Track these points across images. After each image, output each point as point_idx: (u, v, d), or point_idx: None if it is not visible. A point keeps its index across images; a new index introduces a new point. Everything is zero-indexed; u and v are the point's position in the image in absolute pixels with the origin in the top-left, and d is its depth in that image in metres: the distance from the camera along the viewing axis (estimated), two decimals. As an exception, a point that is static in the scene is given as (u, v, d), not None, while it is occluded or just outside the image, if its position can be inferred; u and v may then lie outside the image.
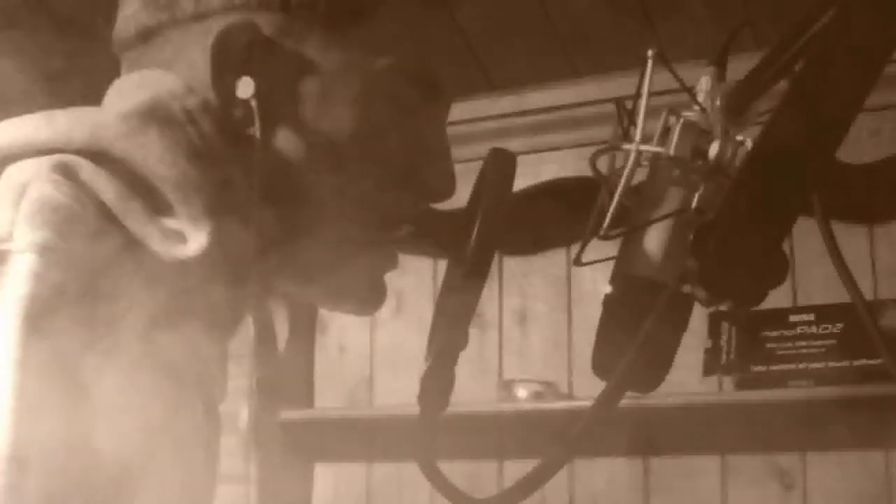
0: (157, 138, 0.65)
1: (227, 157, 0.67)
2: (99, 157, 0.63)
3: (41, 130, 0.64)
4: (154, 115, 0.66)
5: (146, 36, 0.71)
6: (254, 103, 0.67)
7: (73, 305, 0.55)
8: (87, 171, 0.61)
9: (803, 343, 1.76)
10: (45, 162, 0.60)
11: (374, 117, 0.70)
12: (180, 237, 0.63)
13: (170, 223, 0.63)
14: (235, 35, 0.68)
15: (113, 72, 0.74)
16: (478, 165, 0.72)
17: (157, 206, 0.63)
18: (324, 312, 2.24)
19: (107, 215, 0.60)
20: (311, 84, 0.69)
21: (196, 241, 0.63)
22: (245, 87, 0.67)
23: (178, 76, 0.69)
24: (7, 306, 0.54)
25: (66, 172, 0.60)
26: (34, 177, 0.59)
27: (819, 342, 1.75)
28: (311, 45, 0.69)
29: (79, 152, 0.62)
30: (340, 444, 2.13)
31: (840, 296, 0.67)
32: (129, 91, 0.70)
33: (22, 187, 0.58)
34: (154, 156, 0.64)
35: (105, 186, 0.61)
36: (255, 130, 0.66)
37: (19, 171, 0.60)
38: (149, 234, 0.61)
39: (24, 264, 0.55)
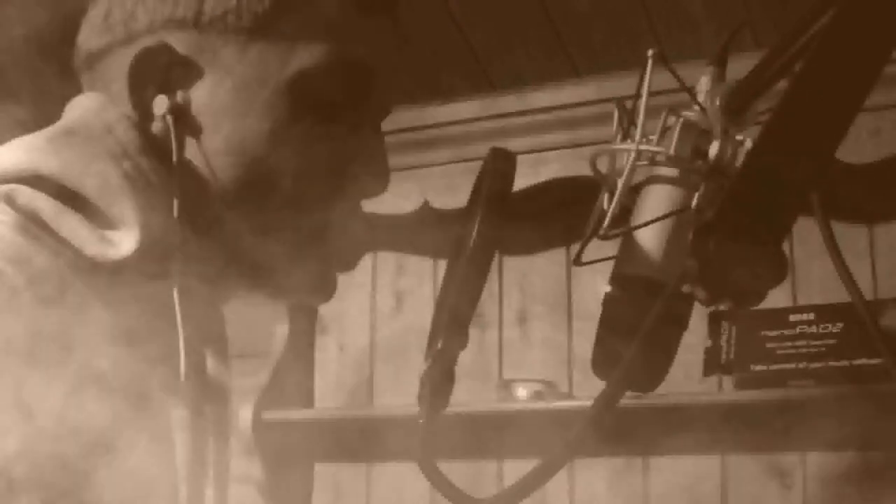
0: (78, 152, 0.70)
1: (151, 163, 0.71)
2: (33, 179, 0.68)
3: None
4: (75, 131, 0.71)
5: (91, 61, 0.76)
6: (169, 119, 0.71)
7: (22, 319, 0.59)
8: (25, 195, 0.66)
9: (803, 343, 1.76)
10: None
11: (291, 121, 0.73)
12: (112, 241, 0.67)
13: (103, 230, 0.67)
14: (150, 57, 0.72)
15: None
16: (478, 165, 0.72)
17: (90, 215, 0.68)
18: (324, 312, 2.24)
19: (49, 233, 0.66)
20: (225, 94, 0.72)
21: (127, 242, 0.67)
22: (160, 105, 0.72)
23: (106, 96, 0.74)
24: None
25: (8, 201, 0.66)
26: None
27: (819, 342, 1.75)
28: (224, 56, 0.72)
29: (17, 178, 0.68)
30: (340, 444, 2.13)
31: (840, 296, 0.67)
32: (64, 116, 0.75)
33: None
34: (78, 169, 0.69)
35: (42, 205, 0.66)
36: (172, 144, 0.71)
37: None
38: (84, 240, 0.66)
39: None
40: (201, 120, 0.72)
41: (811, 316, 1.77)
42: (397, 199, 1.96)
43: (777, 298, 1.70)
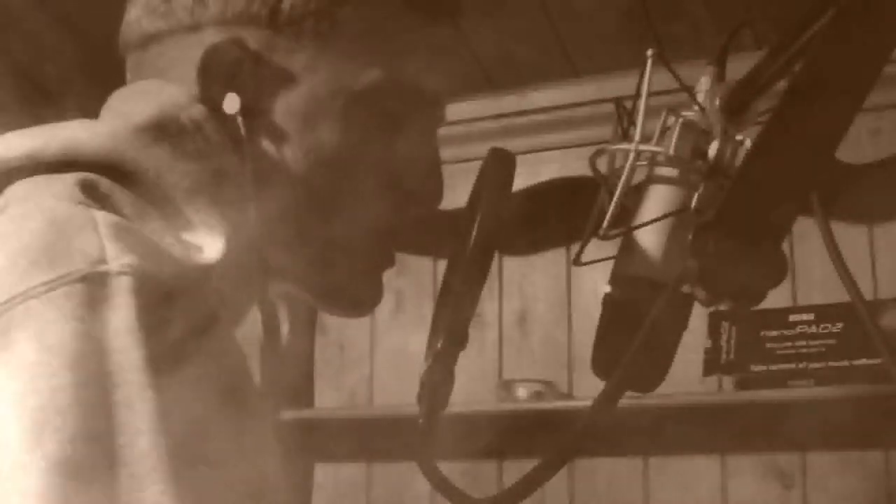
0: (169, 150, 0.66)
1: (231, 165, 0.68)
2: (111, 170, 0.63)
3: (49, 145, 0.64)
4: (165, 127, 0.67)
5: (146, 42, 0.72)
6: (239, 119, 0.68)
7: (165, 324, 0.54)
8: (105, 185, 0.61)
9: (803, 343, 1.76)
10: (69, 180, 0.60)
11: (357, 132, 0.71)
12: (196, 245, 0.63)
13: (184, 233, 0.64)
14: (223, 52, 0.69)
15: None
16: (478, 165, 0.72)
17: (170, 215, 0.64)
18: (324, 312, 2.24)
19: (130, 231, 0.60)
20: (296, 99, 0.70)
21: (213, 246, 0.63)
22: (231, 103, 0.68)
23: (178, 86, 0.70)
24: (120, 333, 0.52)
25: (89, 190, 0.60)
26: (67, 197, 0.59)
27: (819, 342, 1.75)
28: (298, 60, 0.70)
29: (89, 166, 0.62)
30: (340, 444, 2.13)
31: (840, 296, 0.67)
32: (134, 102, 0.70)
33: (52, 210, 0.57)
34: (166, 167, 0.65)
35: (123, 201, 0.61)
36: (243, 145, 0.68)
37: (40, 189, 0.60)
38: (168, 244, 0.61)
39: (122, 286, 0.53)
40: (269, 123, 0.70)
41: (811, 316, 1.77)
42: (397, 199, 1.96)
43: (777, 298, 1.70)
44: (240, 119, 0.68)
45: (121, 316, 0.52)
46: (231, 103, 0.68)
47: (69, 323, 0.51)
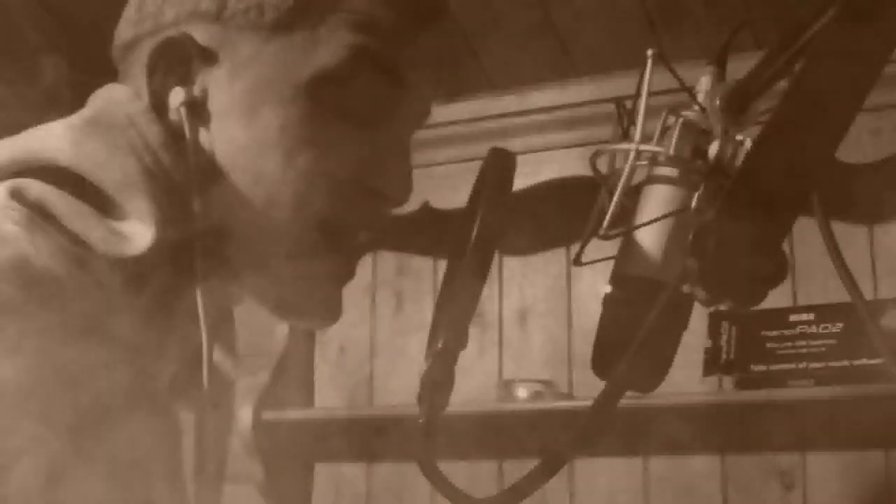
0: (99, 143, 0.68)
1: (172, 158, 0.70)
2: (47, 170, 0.67)
3: (2, 153, 0.69)
4: (97, 122, 0.70)
5: (123, 52, 0.76)
6: (183, 111, 0.70)
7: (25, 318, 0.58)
8: (35, 189, 0.65)
9: (803, 343, 1.76)
10: (0, 189, 0.64)
11: (305, 122, 0.71)
12: (126, 236, 0.66)
13: (117, 224, 0.66)
14: (172, 47, 0.71)
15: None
16: (478, 165, 0.72)
17: (105, 209, 0.67)
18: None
19: (59, 229, 0.64)
20: (242, 89, 0.71)
21: (141, 238, 0.66)
22: (175, 96, 0.71)
23: (130, 86, 0.73)
24: None
25: (17, 196, 0.64)
26: None
27: (819, 342, 1.75)
28: (243, 52, 0.71)
29: (29, 170, 0.67)
30: (340, 444, 2.13)
31: (840, 296, 0.67)
32: (88, 105, 0.73)
33: None
34: (97, 160, 0.68)
35: (54, 199, 0.65)
36: (187, 136, 0.70)
37: None
38: (96, 235, 0.65)
39: None
40: (216, 114, 0.71)
41: (811, 316, 1.77)
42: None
43: (777, 298, 1.70)
44: (183, 111, 0.70)
45: None
46: (175, 96, 0.71)
47: None
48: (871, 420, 1.68)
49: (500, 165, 0.70)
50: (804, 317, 1.78)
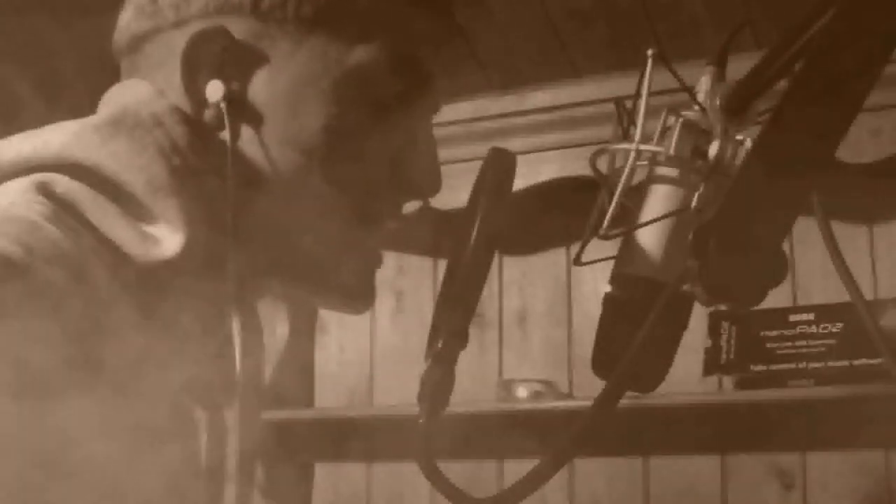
0: (125, 144, 0.66)
1: (200, 159, 0.68)
2: (73, 169, 0.64)
3: (22, 149, 0.66)
4: (122, 121, 0.67)
5: (136, 44, 0.73)
6: (223, 105, 0.68)
7: (37, 317, 0.55)
8: (63, 184, 0.63)
9: (803, 343, 1.76)
10: (25, 182, 0.62)
11: (347, 114, 0.70)
12: (156, 240, 0.64)
13: (146, 226, 0.64)
14: (206, 40, 0.69)
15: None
16: (478, 165, 0.72)
17: (133, 211, 0.65)
18: (324, 312, 2.24)
19: (86, 225, 0.62)
20: (281, 85, 0.70)
21: (172, 242, 0.64)
22: (214, 91, 0.69)
23: (153, 83, 0.70)
24: None
25: (44, 190, 0.62)
26: (16, 198, 0.61)
27: (819, 342, 1.75)
28: (282, 46, 0.70)
29: (55, 167, 0.64)
30: (340, 444, 2.13)
31: (840, 295, 0.67)
32: (108, 101, 0.72)
33: (5, 209, 0.60)
34: (124, 162, 0.65)
35: (81, 197, 0.63)
36: (226, 133, 0.68)
37: (4, 194, 0.62)
38: (126, 238, 0.63)
39: None
40: (256, 110, 0.70)
41: (811, 316, 1.77)
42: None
43: (777, 298, 1.70)
44: (223, 105, 0.68)
45: None
46: (214, 91, 0.69)
47: None
48: (871, 420, 1.68)
49: (499, 165, 0.70)
50: (804, 317, 1.78)
